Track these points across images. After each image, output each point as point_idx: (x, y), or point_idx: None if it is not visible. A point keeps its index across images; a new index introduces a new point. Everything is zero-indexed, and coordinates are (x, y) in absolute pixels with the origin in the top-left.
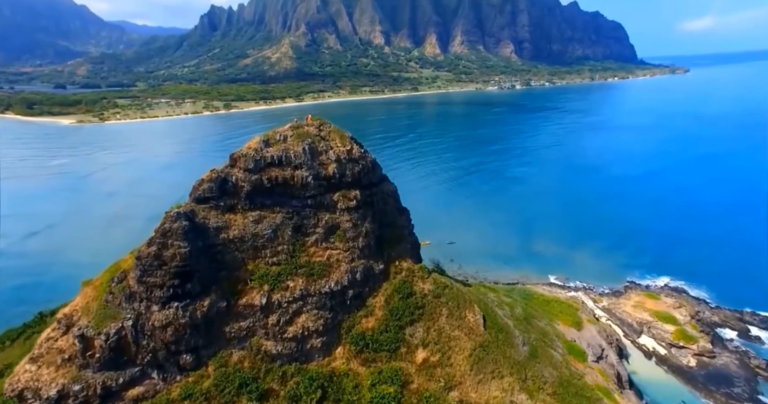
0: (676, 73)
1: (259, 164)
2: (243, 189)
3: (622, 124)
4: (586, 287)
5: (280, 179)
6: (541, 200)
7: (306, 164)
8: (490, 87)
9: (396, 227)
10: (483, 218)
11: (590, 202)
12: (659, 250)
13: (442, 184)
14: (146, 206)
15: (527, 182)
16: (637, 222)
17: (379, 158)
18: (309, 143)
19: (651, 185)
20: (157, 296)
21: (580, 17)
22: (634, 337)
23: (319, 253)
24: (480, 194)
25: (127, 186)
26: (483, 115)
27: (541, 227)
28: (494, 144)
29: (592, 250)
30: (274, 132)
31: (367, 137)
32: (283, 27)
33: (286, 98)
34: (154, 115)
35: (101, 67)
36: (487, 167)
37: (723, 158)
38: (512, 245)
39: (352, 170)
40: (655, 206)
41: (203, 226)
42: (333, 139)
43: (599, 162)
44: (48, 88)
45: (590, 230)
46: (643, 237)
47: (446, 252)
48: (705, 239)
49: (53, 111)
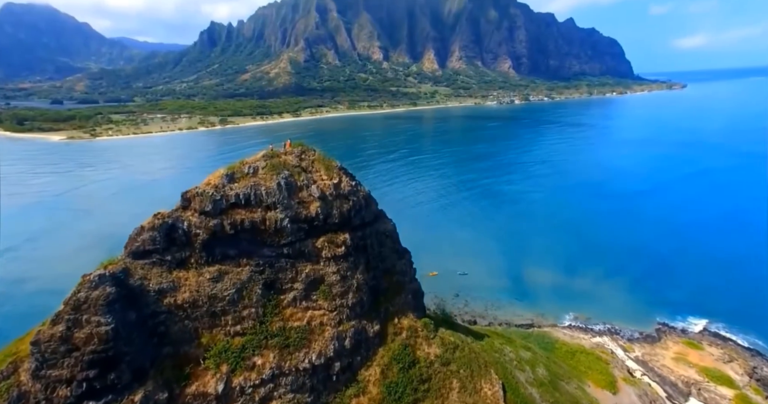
0: (673, 88)
1: (219, 205)
2: (198, 238)
3: (635, 138)
4: (611, 330)
5: (247, 224)
6: (551, 223)
7: (281, 203)
8: (489, 102)
9: (395, 274)
10: (488, 242)
11: (606, 225)
12: (691, 283)
13: (442, 202)
14: (112, 226)
15: (536, 202)
16: (663, 248)
17: (375, 173)
18: (286, 177)
19: (674, 203)
20: (61, 396)
21: (577, 34)
22: (681, 401)
23: (298, 315)
24: (483, 215)
25: (99, 205)
26: (485, 130)
27: (553, 255)
28: (498, 160)
29: (612, 282)
30: (242, 163)
31: (363, 151)
32: (282, 43)
33: (284, 113)
34: (148, 131)
35: (100, 83)
36: (492, 185)
37: (755, 172)
38: (523, 275)
39: (341, 208)
40: (681, 227)
41: (140, 290)
42: (317, 170)
43: (613, 179)
44: (44, 104)
45: (608, 258)
46: (670, 267)
47: (453, 284)
48: (748, 270)
49: (44, 127)
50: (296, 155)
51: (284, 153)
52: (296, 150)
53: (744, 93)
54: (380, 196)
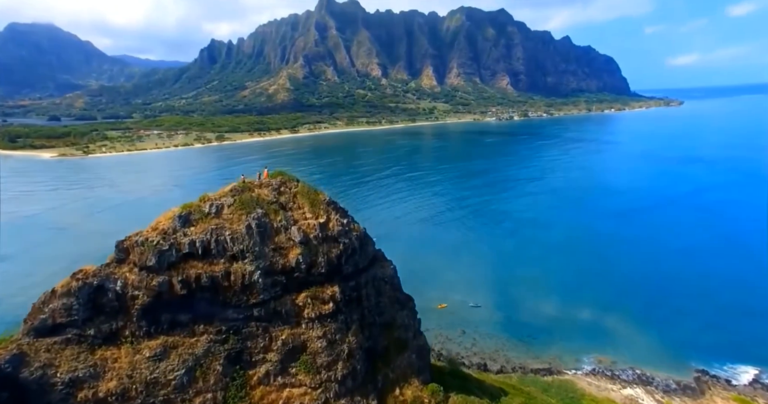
0: (670, 105)
1: (168, 257)
2: (136, 302)
3: (652, 154)
4: (642, 379)
5: (205, 280)
6: (566, 248)
7: (252, 252)
8: (488, 118)
9: (395, 329)
10: (498, 268)
11: (627, 250)
12: (732, 319)
13: (445, 220)
14: (82, 246)
15: (548, 223)
16: (693, 278)
17: (372, 189)
18: (259, 217)
19: (704, 223)
20: None
21: (573, 51)
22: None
23: (272, 396)
24: (492, 237)
25: (75, 224)
26: (487, 146)
27: (569, 284)
28: (503, 177)
29: (637, 318)
30: (203, 200)
31: (360, 167)
32: (282, 60)
33: (281, 130)
34: (142, 147)
35: (99, 100)
36: (498, 204)
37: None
38: (536, 308)
39: (328, 254)
40: (713, 252)
41: (39, 385)
42: (300, 206)
43: (631, 197)
44: (42, 121)
45: (630, 288)
46: (704, 300)
47: (461, 318)
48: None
49: (36, 144)
50: (274, 187)
51: (258, 185)
52: (274, 181)
53: (745, 111)
54: (377, 213)
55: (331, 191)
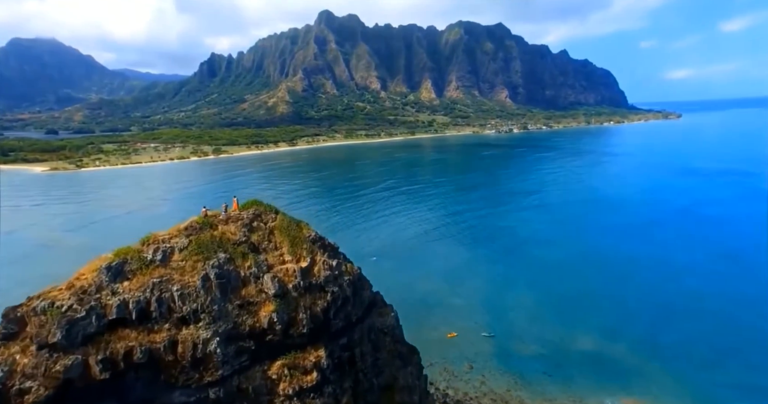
0: (669, 118)
1: (82, 329)
2: (26, 399)
3: (659, 164)
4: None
5: (139, 356)
6: (572, 268)
7: (209, 312)
8: (488, 131)
9: (397, 392)
10: (501, 290)
11: (647, 275)
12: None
13: (449, 235)
14: (52, 266)
15: (552, 241)
16: (729, 307)
17: (369, 202)
18: (220, 264)
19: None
20: None
21: (571, 64)
22: None
23: None
24: (494, 255)
25: (50, 242)
26: (489, 159)
27: (582, 310)
28: (509, 191)
29: (666, 352)
30: (146, 242)
31: (357, 180)
32: (281, 73)
33: (279, 142)
34: (137, 161)
35: (98, 113)
36: (506, 219)
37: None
38: (552, 338)
39: (312, 308)
40: (738, 275)
41: None
42: (277, 246)
43: (647, 216)
44: (39, 134)
45: (654, 316)
46: (744, 333)
47: (471, 349)
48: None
49: (28, 158)
50: (244, 222)
51: (224, 221)
52: (246, 214)
53: (744, 124)
54: (373, 227)
55: (326, 205)
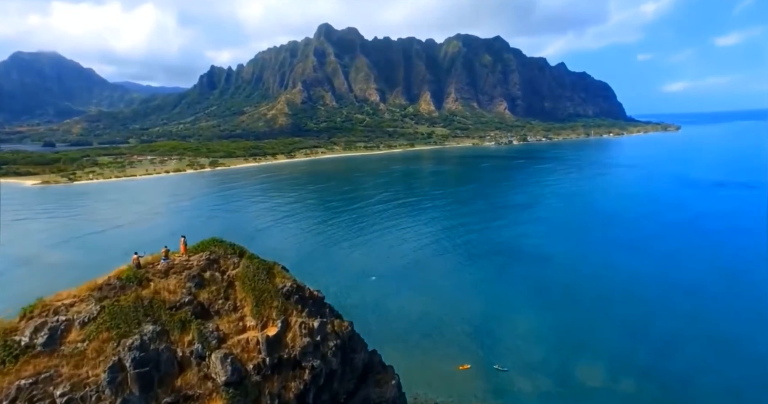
0: (668, 130)
1: None
2: None
3: (679, 176)
4: None
5: None
6: (587, 291)
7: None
8: (487, 143)
9: None
10: (512, 315)
11: (658, 295)
12: None
13: (446, 252)
14: (23, 283)
15: (560, 258)
16: (745, 332)
17: (366, 215)
18: (140, 345)
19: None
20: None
21: (569, 77)
22: None
23: None
24: (502, 276)
25: (29, 258)
26: (489, 171)
27: (594, 337)
28: (513, 205)
29: (680, 384)
30: (27, 316)
31: (353, 192)
32: (281, 85)
33: (278, 155)
34: (132, 173)
35: (97, 125)
36: (509, 236)
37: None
38: (568, 372)
39: (283, 393)
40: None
41: None
42: (237, 305)
43: (655, 230)
44: (36, 147)
45: (666, 343)
46: None
47: (483, 384)
48: None
49: (20, 171)
50: (192, 274)
51: (164, 271)
52: (198, 260)
53: (746, 135)
54: (371, 241)
55: (320, 219)
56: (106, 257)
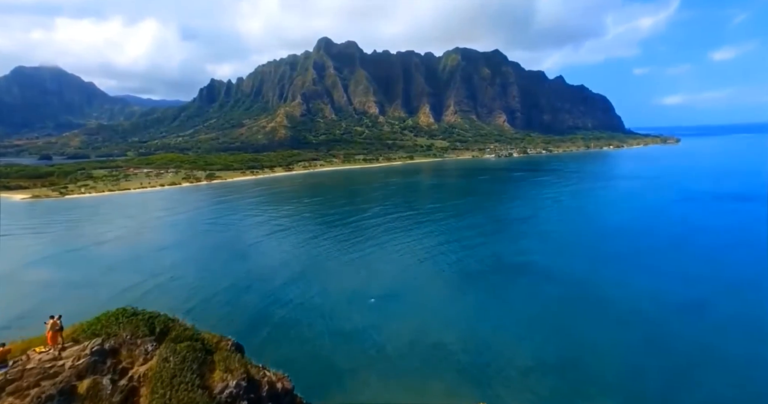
0: (668, 142)
1: None
2: None
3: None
4: None
5: None
6: (600, 314)
7: None
8: (487, 155)
9: None
10: (519, 343)
11: (686, 324)
12: None
13: (449, 269)
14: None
15: (569, 279)
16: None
17: (365, 228)
18: None
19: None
20: None
21: (567, 90)
22: None
23: None
24: (509, 297)
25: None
26: (491, 184)
27: (608, 367)
28: (518, 219)
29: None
30: None
31: (351, 205)
32: (280, 98)
33: (276, 167)
34: (126, 187)
35: (96, 138)
36: (512, 252)
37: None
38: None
39: None
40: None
41: None
42: None
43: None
44: (33, 160)
45: (680, 373)
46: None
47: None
48: None
49: (11, 185)
50: (61, 380)
51: (17, 375)
52: (75, 357)
53: (747, 148)
54: (369, 257)
55: (315, 233)
56: (80, 277)
